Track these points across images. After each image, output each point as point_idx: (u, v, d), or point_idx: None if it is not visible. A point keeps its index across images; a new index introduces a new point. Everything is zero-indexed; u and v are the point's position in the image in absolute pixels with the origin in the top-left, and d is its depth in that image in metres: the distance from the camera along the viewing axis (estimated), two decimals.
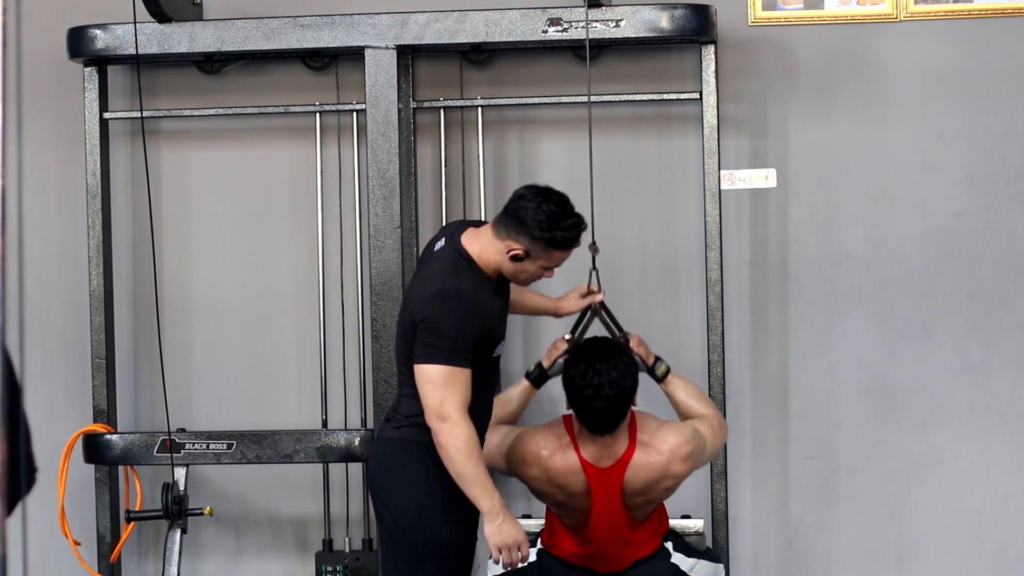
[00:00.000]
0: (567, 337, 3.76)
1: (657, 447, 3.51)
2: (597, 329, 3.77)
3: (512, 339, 4.38)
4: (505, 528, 3.38)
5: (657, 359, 3.76)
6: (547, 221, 3.35)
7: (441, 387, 3.31)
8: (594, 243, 3.73)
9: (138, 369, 4.53)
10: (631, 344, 3.73)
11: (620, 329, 3.78)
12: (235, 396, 4.53)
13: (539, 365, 3.78)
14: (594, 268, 3.78)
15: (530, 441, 3.57)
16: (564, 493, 3.56)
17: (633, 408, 3.55)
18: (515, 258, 3.39)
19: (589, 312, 3.80)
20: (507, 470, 3.66)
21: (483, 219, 4.37)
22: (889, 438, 4.38)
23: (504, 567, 3.43)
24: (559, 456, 3.52)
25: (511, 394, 3.78)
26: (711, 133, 4.17)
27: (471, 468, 3.33)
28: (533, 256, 3.39)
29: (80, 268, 4.43)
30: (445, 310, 3.33)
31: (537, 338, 4.35)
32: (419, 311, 3.36)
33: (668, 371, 3.76)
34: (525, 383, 3.78)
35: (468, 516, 3.44)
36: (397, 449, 3.45)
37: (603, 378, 3.41)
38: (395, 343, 3.58)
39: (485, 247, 3.43)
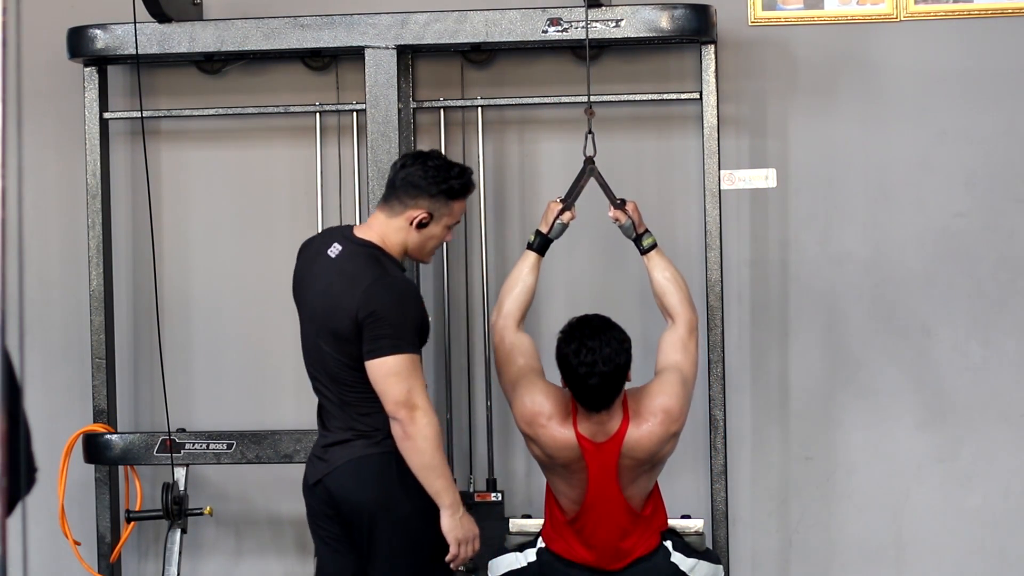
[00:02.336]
0: (560, 199, 3.80)
1: (649, 416, 3.52)
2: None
3: None
4: (465, 522, 3.37)
5: (646, 231, 3.79)
6: (438, 175, 3.40)
7: (406, 377, 3.27)
8: (590, 107, 3.83)
9: (138, 369, 4.54)
10: (627, 208, 3.77)
11: (614, 195, 3.82)
12: (235, 396, 4.53)
13: (538, 232, 3.80)
14: (590, 131, 3.81)
15: (536, 398, 3.57)
16: (556, 463, 3.56)
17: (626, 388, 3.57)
18: (421, 225, 3.39)
19: (584, 173, 3.83)
20: (507, 395, 3.67)
21: (483, 220, 4.38)
22: (889, 438, 4.38)
23: (459, 564, 3.42)
24: (556, 428, 3.53)
25: (521, 271, 3.76)
26: (711, 133, 4.17)
27: (440, 459, 3.32)
28: (437, 216, 3.41)
29: (80, 268, 4.43)
30: (389, 299, 3.30)
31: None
32: (362, 308, 3.27)
33: (654, 246, 3.78)
34: (531, 256, 3.78)
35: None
36: (384, 463, 3.35)
37: (596, 355, 3.42)
38: (324, 365, 3.39)
39: (384, 232, 3.41)
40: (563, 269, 4.34)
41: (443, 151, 4.38)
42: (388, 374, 3.27)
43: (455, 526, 3.35)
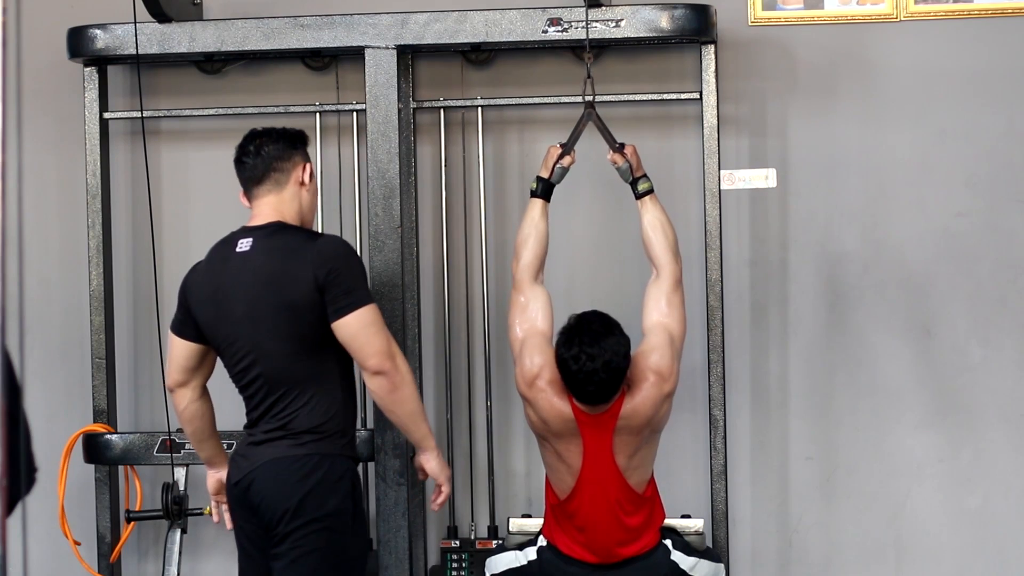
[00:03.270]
0: (560, 143, 3.83)
1: (642, 381, 3.53)
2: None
3: None
4: (444, 463, 3.50)
5: (644, 176, 3.82)
6: (284, 133, 3.51)
7: (382, 325, 3.31)
8: (587, 49, 3.88)
9: (138, 369, 4.53)
10: (626, 151, 3.80)
11: (614, 138, 3.84)
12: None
13: (539, 178, 3.83)
14: (589, 77, 3.84)
15: (534, 359, 3.58)
16: (550, 431, 3.57)
17: None
18: (311, 176, 3.50)
19: (584, 118, 3.85)
20: (513, 349, 3.68)
21: (483, 220, 4.38)
22: (889, 438, 4.38)
23: (443, 502, 3.54)
24: (554, 396, 3.54)
25: (532, 218, 3.80)
26: (711, 133, 4.17)
27: (420, 403, 3.41)
28: (311, 164, 3.54)
29: (80, 268, 4.43)
30: (343, 253, 3.35)
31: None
32: (320, 267, 3.27)
33: (650, 191, 3.81)
34: (538, 202, 3.81)
35: (367, 531, 3.46)
36: (307, 465, 3.31)
37: (596, 363, 3.43)
38: (262, 364, 3.34)
39: (279, 209, 3.45)
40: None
41: (443, 151, 4.40)
42: (366, 325, 3.28)
43: (442, 466, 3.47)
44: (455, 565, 4.33)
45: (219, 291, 3.42)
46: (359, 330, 3.26)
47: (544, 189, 3.82)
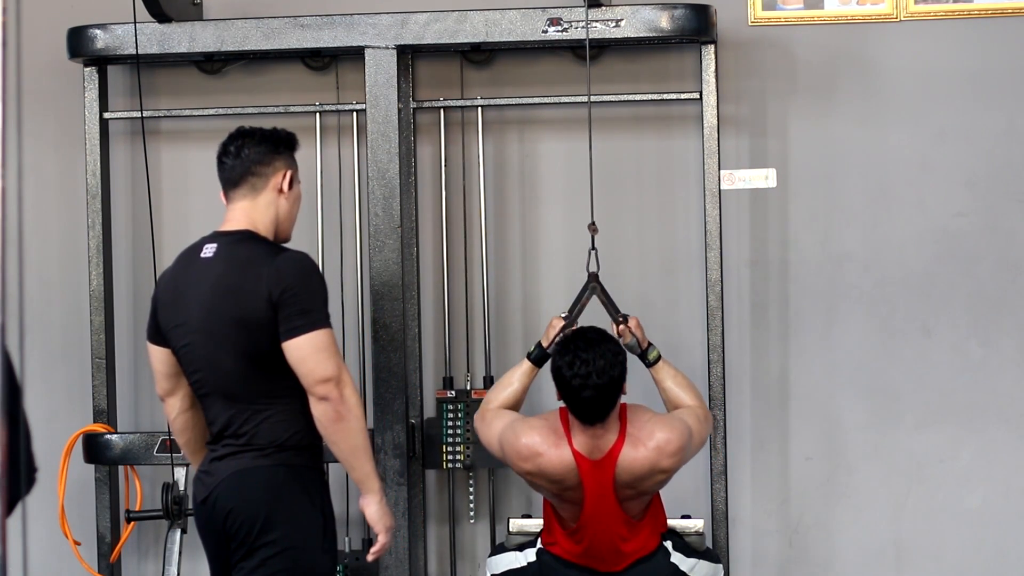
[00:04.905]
0: (564, 315, 3.81)
1: (645, 442, 3.51)
2: (595, 317, 3.77)
3: (515, 325, 4.40)
4: (389, 510, 3.26)
5: (650, 345, 3.81)
6: (273, 136, 3.35)
7: (333, 352, 3.12)
8: (593, 223, 3.80)
9: (138, 369, 4.53)
10: (629, 325, 3.78)
11: (617, 310, 3.82)
12: None
13: (539, 345, 3.81)
14: (593, 248, 3.81)
15: (526, 435, 3.57)
16: (558, 487, 3.57)
17: (626, 403, 3.56)
18: (290, 186, 3.33)
19: (587, 290, 3.83)
20: (501, 457, 3.68)
21: (483, 220, 4.38)
22: (889, 438, 4.38)
23: (378, 552, 3.28)
24: (554, 452, 3.53)
25: (513, 376, 3.80)
26: (711, 133, 4.17)
27: (367, 439, 3.18)
28: (294, 172, 3.36)
29: (80, 268, 4.43)
30: (300, 272, 3.16)
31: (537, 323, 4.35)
32: (275, 285, 3.10)
33: (659, 358, 3.80)
34: (526, 364, 3.81)
35: (335, 546, 3.28)
36: (273, 477, 3.16)
37: (591, 367, 3.43)
38: (218, 377, 3.20)
39: (252, 216, 3.30)
40: (564, 277, 4.34)
41: (443, 151, 4.39)
42: (316, 350, 3.10)
43: (384, 513, 3.23)
44: (450, 415, 4.30)
45: (179, 297, 3.28)
46: (308, 354, 3.10)
47: (538, 356, 3.79)
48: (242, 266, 3.18)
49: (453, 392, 4.33)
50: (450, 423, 4.30)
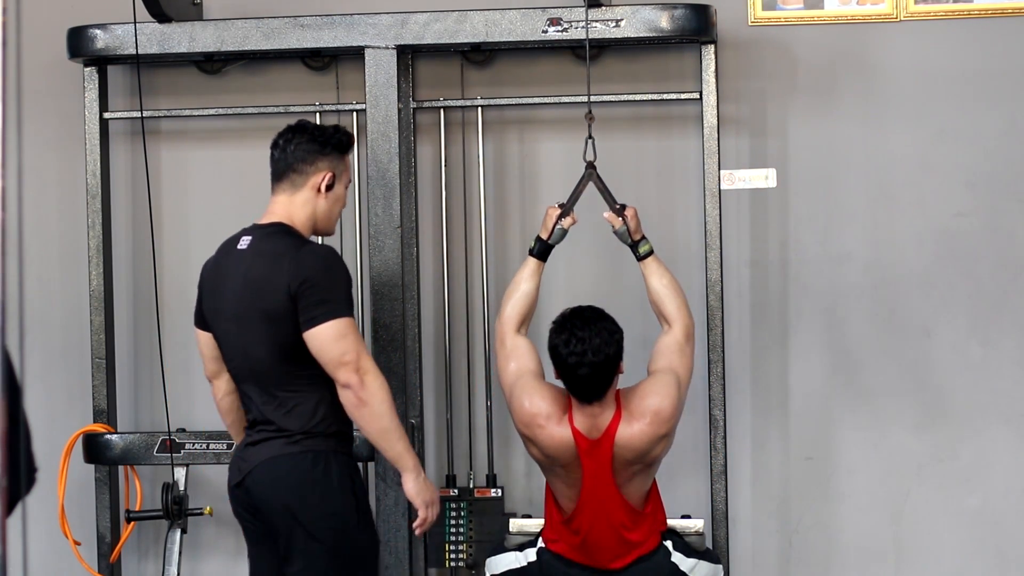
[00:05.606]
0: (559, 204, 3.81)
1: (639, 417, 3.52)
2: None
3: None
4: (429, 485, 3.35)
5: (643, 238, 3.80)
6: (323, 135, 3.41)
7: (352, 340, 3.21)
8: (590, 112, 3.82)
9: (138, 369, 4.53)
10: (627, 214, 3.78)
11: (615, 200, 3.82)
12: None
13: (538, 239, 3.81)
14: (590, 136, 3.81)
15: (531, 400, 3.57)
16: (551, 462, 3.58)
17: (619, 388, 3.57)
18: (329, 187, 3.39)
19: (584, 178, 3.83)
20: (507, 400, 3.67)
21: (483, 220, 4.38)
22: (889, 438, 4.38)
23: (426, 528, 3.39)
24: (555, 427, 3.53)
25: (521, 277, 3.78)
26: (711, 133, 4.17)
27: (396, 421, 3.27)
28: (338, 174, 3.42)
29: (80, 268, 4.43)
30: (320, 264, 3.26)
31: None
32: (294, 277, 3.21)
33: (651, 252, 3.80)
34: (532, 261, 3.79)
35: (371, 523, 3.40)
36: (303, 463, 3.28)
37: (586, 345, 3.44)
38: (250, 365, 3.33)
39: (290, 211, 3.39)
40: (563, 276, 4.34)
41: (443, 151, 4.39)
42: (333, 339, 3.21)
43: (421, 489, 3.31)
44: (453, 514, 4.30)
45: (217, 286, 3.42)
46: (327, 343, 3.21)
47: (541, 250, 3.79)
48: (269, 259, 3.29)
49: (456, 491, 4.33)
50: (453, 522, 4.31)
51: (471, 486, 4.38)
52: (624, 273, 4.31)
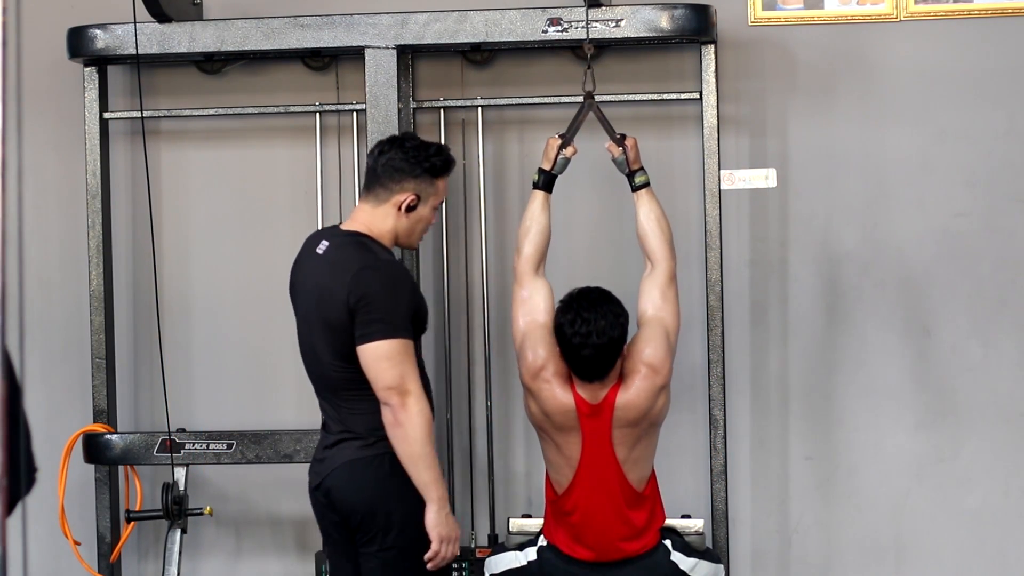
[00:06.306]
0: (559, 134, 3.82)
1: (634, 374, 3.54)
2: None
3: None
4: (451, 520, 3.31)
5: (641, 169, 3.81)
6: (419, 155, 3.37)
7: (398, 362, 3.21)
8: (589, 41, 3.89)
9: (138, 369, 4.54)
10: (627, 143, 3.79)
11: (614, 130, 3.83)
12: (235, 396, 4.53)
13: (541, 170, 3.81)
14: (589, 67, 3.85)
15: (541, 351, 3.58)
16: (549, 424, 3.58)
17: None
18: (410, 208, 3.37)
19: (583, 108, 3.84)
20: (517, 347, 3.66)
21: (483, 220, 4.38)
22: (889, 438, 4.38)
23: (439, 564, 3.33)
24: (558, 389, 3.55)
25: (532, 212, 3.78)
26: (711, 133, 4.17)
27: (430, 449, 3.25)
28: (424, 197, 3.39)
29: (80, 268, 4.43)
30: (380, 283, 3.25)
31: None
32: (352, 292, 3.22)
33: (646, 185, 3.80)
34: (539, 195, 3.80)
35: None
36: (380, 467, 3.30)
37: (591, 327, 3.45)
38: (320, 367, 3.36)
39: (371, 222, 3.38)
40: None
41: None
42: (380, 358, 3.21)
43: (440, 522, 3.27)
44: (455, 575, 4.31)
45: (297, 284, 3.47)
46: (372, 361, 3.22)
47: (546, 181, 3.81)
48: (337, 269, 3.30)
49: (458, 551, 4.34)
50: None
51: (473, 546, 4.37)
52: (629, 259, 4.31)
